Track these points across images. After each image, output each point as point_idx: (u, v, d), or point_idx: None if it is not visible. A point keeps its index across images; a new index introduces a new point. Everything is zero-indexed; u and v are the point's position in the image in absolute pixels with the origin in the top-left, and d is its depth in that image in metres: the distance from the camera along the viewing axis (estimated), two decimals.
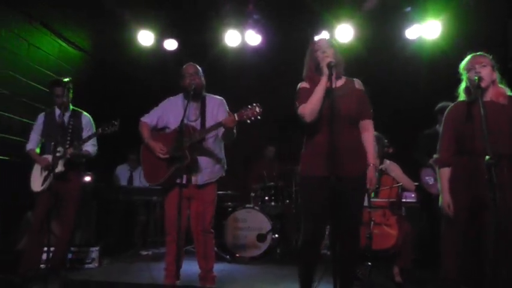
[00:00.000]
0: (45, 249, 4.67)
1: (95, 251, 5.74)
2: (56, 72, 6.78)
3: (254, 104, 3.82)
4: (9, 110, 5.94)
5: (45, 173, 4.89)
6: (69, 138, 4.93)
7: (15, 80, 6.08)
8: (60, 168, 4.77)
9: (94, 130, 5.12)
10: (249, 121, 3.82)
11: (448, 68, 4.15)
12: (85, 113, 5.24)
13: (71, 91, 5.05)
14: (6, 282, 4.17)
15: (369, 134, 3.52)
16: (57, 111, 5.08)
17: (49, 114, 5.13)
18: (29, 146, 5.05)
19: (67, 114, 5.06)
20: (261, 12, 6.88)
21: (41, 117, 5.14)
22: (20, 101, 6.11)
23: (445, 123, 3.61)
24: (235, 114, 3.85)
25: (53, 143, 4.72)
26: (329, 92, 3.26)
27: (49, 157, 4.87)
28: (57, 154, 4.72)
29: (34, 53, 6.53)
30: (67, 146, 4.87)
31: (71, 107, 5.15)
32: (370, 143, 3.51)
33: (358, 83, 3.57)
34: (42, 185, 4.85)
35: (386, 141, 5.13)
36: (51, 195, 4.66)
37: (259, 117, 3.80)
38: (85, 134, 5.07)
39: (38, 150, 5.06)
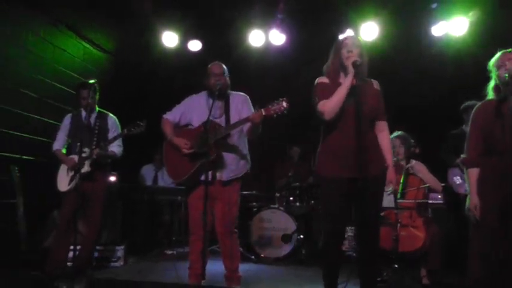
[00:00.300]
0: (72, 248, 4.72)
1: (120, 250, 5.79)
2: (81, 74, 6.86)
3: (281, 99, 3.77)
4: (36, 112, 6.03)
5: (71, 173, 4.93)
6: (95, 139, 4.96)
7: (41, 83, 6.17)
8: (86, 168, 4.80)
9: (120, 131, 5.14)
10: (275, 116, 3.78)
11: (475, 66, 4.07)
12: (111, 115, 5.27)
13: (97, 93, 5.08)
14: (34, 280, 4.21)
15: (385, 135, 3.55)
16: (84, 113, 5.11)
17: (75, 116, 5.18)
18: (56, 146, 5.11)
19: (93, 116, 5.09)
20: (286, 11, 6.83)
21: (67, 118, 5.18)
22: (46, 102, 6.19)
23: (473, 123, 3.51)
24: (262, 110, 3.81)
25: (79, 144, 4.73)
26: (353, 90, 3.24)
27: (75, 157, 4.91)
28: (83, 155, 4.75)
29: (59, 55, 6.62)
30: (93, 147, 4.90)
31: (97, 108, 5.18)
32: (387, 144, 3.54)
33: (376, 84, 3.58)
34: (68, 185, 4.89)
35: (412, 141, 5.05)
36: (78, 195, 4.69)
37: (285, 112, 3.75)
38: (111, 135, 5.10)
39: (64, 151, 5.11)
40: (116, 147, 5.10)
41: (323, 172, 3.45)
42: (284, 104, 3.75)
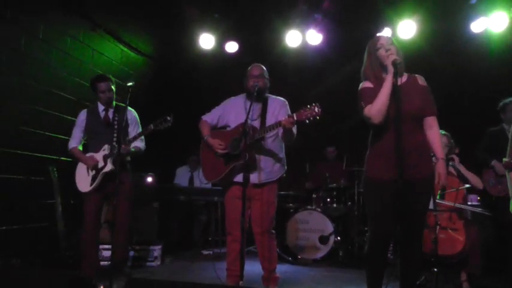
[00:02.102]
0: (107, 247, 4.73)
1: (157, 250, 5.86)
2: (118, 76, 6.89)
3: (313, 104, 3.70)
4: (74, 114, 6.07)
5: (92, 173, 4.74)
6: (115, 135, 4.75)
7: (80, 85, 6.27)
8: (110, 167, 4.63)
9: (139, 124, 4.98)
10: (307, 121, 3.71)
11: None
12: (129, 108, 4.95)
13: (114, 85, 4.88)
14: (73, 279, 4.27)
15: (434, 131, 3.40)
16: (101, 107, 4.90)
17: (92, 111, 4.94)
18: (72, 144, 4.88)
19: (111, 110, 4.88)
20: (325, 11, 6.78)
21: (83, 114, 4.94)
22: (84, 105, 6.26)
23: None
24: (294, 114, 3.75)
25: (114, 143, 4.68)
26: (395, 90, 3.17)
27: (95, 155, 4.74)
28: (104, 152, 4.67)
29: (98, 59, 6.74)
30: (114, 143, 4.70)
31: (114, 102, 4.93)
32: (437, 139, 3.40)
33: (421, 79, 3.46)
34: (90, 185, 4.69)
35: (452, 140, 4.95)
36: (101, 194, 4.69)
37: (318, 117, 3.70)
38: (131, 129, 4.87)
39: (80, 148, 4.92)
40: (138, 142, 4.84)
41: (370, 174, 3.40)
42: (316, 109, 3.68)
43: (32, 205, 5.42)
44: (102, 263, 5.23)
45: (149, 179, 6.59)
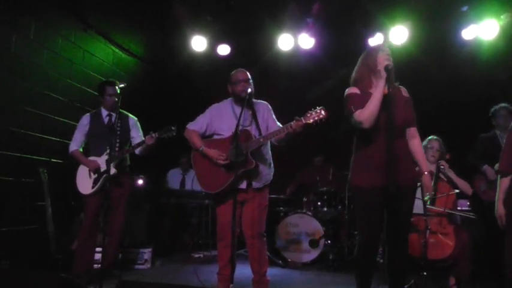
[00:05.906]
0: (99, 249, 4.73)
1: (147, 252, 5.83)
2: (110, 78, 6.87)
3: (319, 108, 3.78)
4: (65, 115, 6.07)
5: (94, 176, 4.88)
6: (118, 140, 4.86)
7: (70, 86, 6.24)
8: (113, 171, 4.71)
9: (140, 131, 5.14)
10: (314, 124, 3.78)
11: (506, 70, 3.97)
12: (131, 115, 5.21)
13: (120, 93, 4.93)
14: (62, 282, 4.24)
15: (416, 142, 3.52)
16: (104, 113, 5.06)
17: (95, 116, 5.10)
18: (73, 147, 5.02)
19: (114, 116, 4.97)
20: (317, 15, 6.80)
21: (86, 118, 5.09)
22: (75, 106, 6.25)
23: (510, 132, 3.48)
24: (302, 118, 3.81)
25: (108, 146, 4.77)
26: (384, 98, 3.20)
27: (97, 159, 4.88)
28: (107, 156, 4.76)
29: (89, 60, 6.69)
30: (116, 148, 4.82)
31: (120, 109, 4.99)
32: (421, 151, 3.53)
33: (404, 90, 3.54)
34: (92, 188, 4.84)
35: (443, 146, 4.97)
36: (102, 197, 4.73)
37: (324, 120, 3.75)
38: (133, 134, 5.08)
39: (81, 150, 5.05)
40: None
41: (358, 182, 3.43)
42: (323, 112, 3.75)
43: (22, 207, 5.37)
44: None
45: (140, 181, 6.57)
